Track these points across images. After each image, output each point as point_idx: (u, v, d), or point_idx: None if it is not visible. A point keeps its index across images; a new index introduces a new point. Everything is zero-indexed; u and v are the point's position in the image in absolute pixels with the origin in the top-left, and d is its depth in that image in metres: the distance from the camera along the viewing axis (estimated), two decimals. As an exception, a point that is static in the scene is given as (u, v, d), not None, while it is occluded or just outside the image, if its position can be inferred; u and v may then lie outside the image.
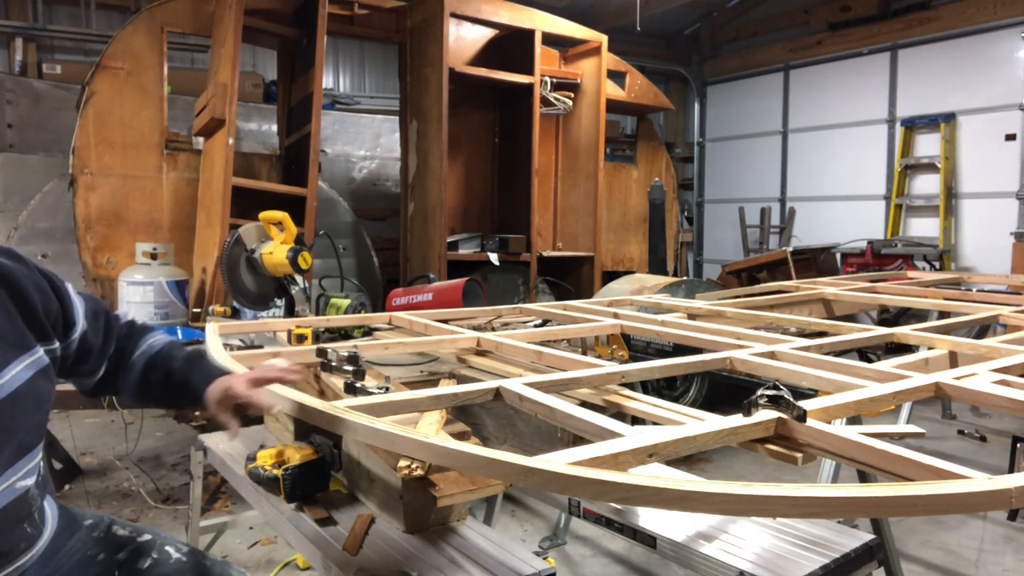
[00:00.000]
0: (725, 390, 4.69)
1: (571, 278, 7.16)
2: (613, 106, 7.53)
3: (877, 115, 9.34)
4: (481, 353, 2.54)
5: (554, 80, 6.99)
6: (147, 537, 1.57)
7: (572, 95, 7.20)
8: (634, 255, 7.80)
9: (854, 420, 2.18)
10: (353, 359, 2.03)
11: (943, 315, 3.34)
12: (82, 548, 1.48)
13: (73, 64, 7.58)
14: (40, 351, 1.37)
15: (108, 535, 1.55)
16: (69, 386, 1.60)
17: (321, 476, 1.88)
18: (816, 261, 8.11)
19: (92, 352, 1.53)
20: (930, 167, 8.77)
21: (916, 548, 3.43)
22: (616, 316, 3.02)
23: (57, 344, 1.42)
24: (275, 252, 3.60)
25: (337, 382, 2.04)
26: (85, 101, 5.35)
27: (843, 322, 2.90)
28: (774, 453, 1.39)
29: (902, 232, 9.03)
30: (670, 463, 1.90)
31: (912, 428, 1.48)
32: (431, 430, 1.69)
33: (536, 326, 3.25)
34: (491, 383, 1.76)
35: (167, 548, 1.56)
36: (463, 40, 6.72)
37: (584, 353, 2.77)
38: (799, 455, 1.36)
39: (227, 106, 5.06)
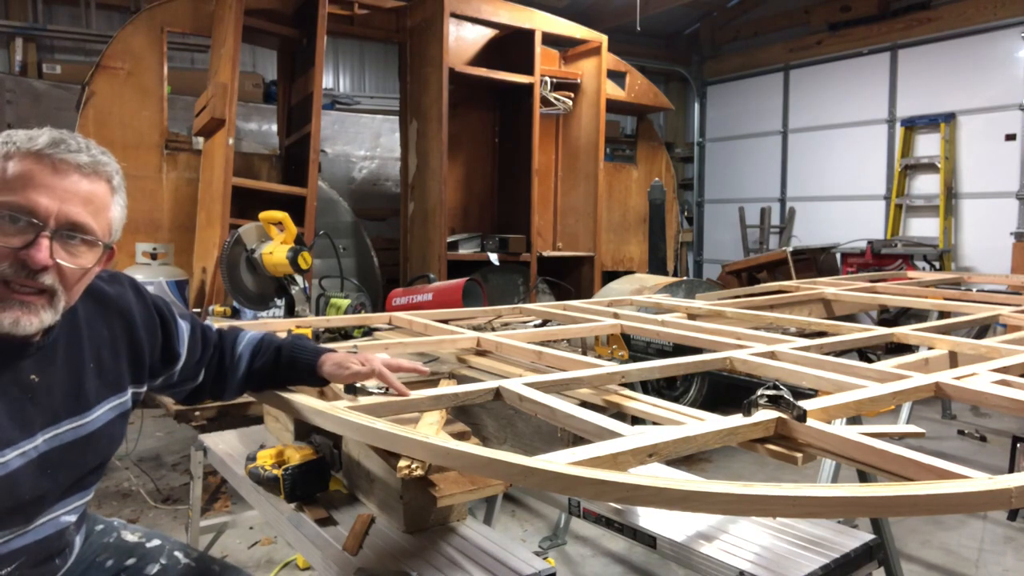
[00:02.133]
0: (725, 390, 4.68)
1: (571, 278, 7.16)
2: (613, 106, 7.54)
3: (877, 115, 9.34)
4: (481, 353, 2.54)
5: (554, 80, 6.99)
6: (156, 543, 1.57)
7: (572, 95, 7.20)
8: (634, 255, 7.80)
9: (854, 420, 2.18)
10: (353, 359, 2.02)
11: (943, 315, 3.34)
12: (91, 554, 1.48)
13: (73, 64, 7.58)
14: (128, 394, 1.38)
15: (117, 540, 1.55)
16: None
17: (321, 476, 1.88)
18: (816, 261, 8.10)
19: (190, 369, 1.55)
20: (930, 167, 8.77)
21: (916, 548, 3.43)
22: (616, 316, 3.01)
23: (145, 387, 1.44)
24: (275, 252, 3.60)
25: (337, 382, 2.04)
26: (85, 101, 5.35)
27: (843, 322, 2.90)
28: (774, 453, 1.39)
29: (902, 232, 9.02)
30: (670, 463, 1.90)
31: (912, 428, 1.48)
32: (431, 430, 1.69)
33: (536, 326, 3.25)
34: (491, 383, 1.76)
35: (176, 554, 1.56)
36: (463, 40, 6.72)
37: (584, 353, 2.77)
38: (799, 455, 1.36)
39: (227, 106, 5.06)
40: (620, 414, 1.79)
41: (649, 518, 1.80)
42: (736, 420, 1.40)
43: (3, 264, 1.10)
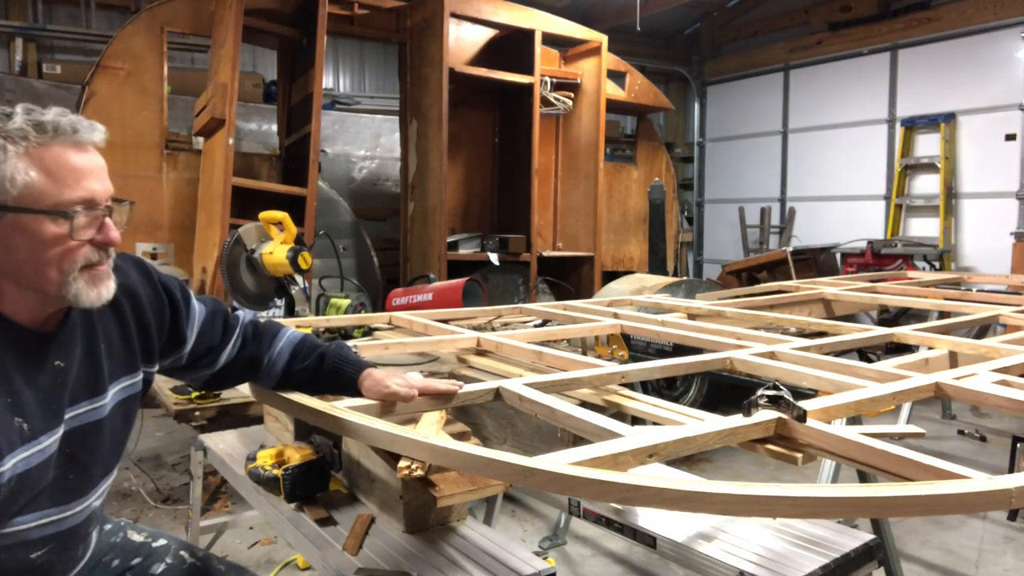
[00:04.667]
0: (725, 390, 4.69)
1: (571, 278, 7.16)
2: (613, 106, 7.53)
3: (877, 115, 9.34)
4: (481, 353, 2.54)
5: (554, 80, 6.99)
6: (162, 542, 1.58)
7: (572, 95, 7.19)
8: (634, 255, 7.80)
9: (854, 420, 2.18)
10: (353, 359, 2.02)
11: (943, 315, 3.34)
12: (99, 554, 1.48)
13: (73, 64, 7.58)
14: (140, 374, 1.40)
15: (123, 540, 1.56)
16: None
17: (321, 476, 1.88)
18: (816, 261, 8.10)
19: (207, 354, 1.55)
20: (930, 167, 8.77)
21: (916, 548, 3.43)
22: (616, 316, 3.01)
23: (156, 367, 1.46)
24: (275, 252, 3.60)
25: (337, 382, 2.04)
26: (85, 101, 5.35)
27: (843, 322, 2.90)
28: (774, 453, 1.39)
29: (902, 232, 9.02)
30: (670, 463, 1.90)
31: (912, 428, 1.48)
32: (431, 430, 1.69)
33: (536, 326, 3.25)
34: (491, 383, 1.76)
35: (182, 553, 1.57)
36: (463, 40, 6.72)
37: (584, 353, 2.77)
38: (799, 455, 1.36)
39: (227, 106, 5.06)
40: (620, 414, 1.80)
41: (649, 518, 1.80)
42: (736, 420, 1.40)
43: (88, 252, 1.19)
